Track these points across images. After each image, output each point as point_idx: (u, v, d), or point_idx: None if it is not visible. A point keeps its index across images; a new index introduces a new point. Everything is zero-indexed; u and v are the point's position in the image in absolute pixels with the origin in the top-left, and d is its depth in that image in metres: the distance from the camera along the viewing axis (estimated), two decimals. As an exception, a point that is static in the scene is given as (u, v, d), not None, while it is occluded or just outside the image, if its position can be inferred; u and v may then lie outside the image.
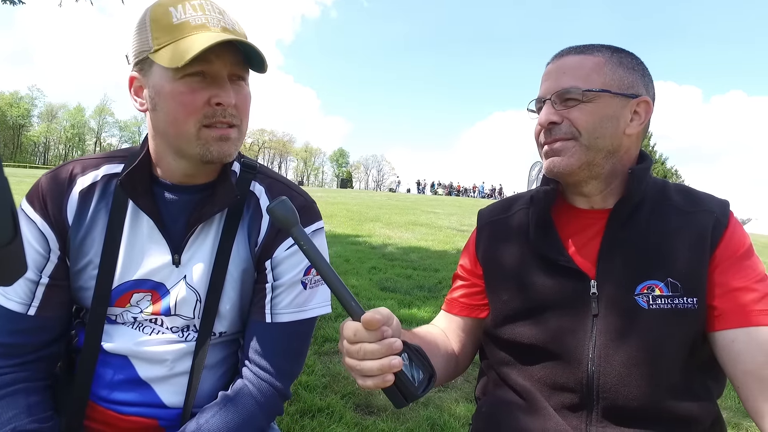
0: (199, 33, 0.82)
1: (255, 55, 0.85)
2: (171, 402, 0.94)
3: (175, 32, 0.82)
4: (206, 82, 0.84)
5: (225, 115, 0.86)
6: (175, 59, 0.80)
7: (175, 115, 0.84)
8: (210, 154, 0.87)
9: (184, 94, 0.83)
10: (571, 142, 0.89)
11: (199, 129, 0.85)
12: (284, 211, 0.70)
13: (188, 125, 0.84)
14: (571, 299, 0.89)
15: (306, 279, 0.98)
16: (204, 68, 0.82)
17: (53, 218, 0.90)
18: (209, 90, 0.84)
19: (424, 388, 0.68)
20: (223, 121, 0.86)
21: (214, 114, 0.85)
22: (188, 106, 0.83)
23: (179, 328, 0.95)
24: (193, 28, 0.82)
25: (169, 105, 0.84)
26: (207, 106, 0.84)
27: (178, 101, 0.83)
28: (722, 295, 0.83)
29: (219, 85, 0.85)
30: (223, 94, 0.84)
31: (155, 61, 0.82)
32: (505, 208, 1.07)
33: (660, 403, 0.83)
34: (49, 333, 0.92)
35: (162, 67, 0.82)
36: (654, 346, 0.84)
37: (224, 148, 0.87)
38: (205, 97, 0.84)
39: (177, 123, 0.84)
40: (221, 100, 0.84)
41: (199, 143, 0.86)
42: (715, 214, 0.88)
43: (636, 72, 0.91)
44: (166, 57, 0.81)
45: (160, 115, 0.85)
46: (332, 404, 2.26)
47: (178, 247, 0.92)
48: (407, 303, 4.22)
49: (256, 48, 0.83)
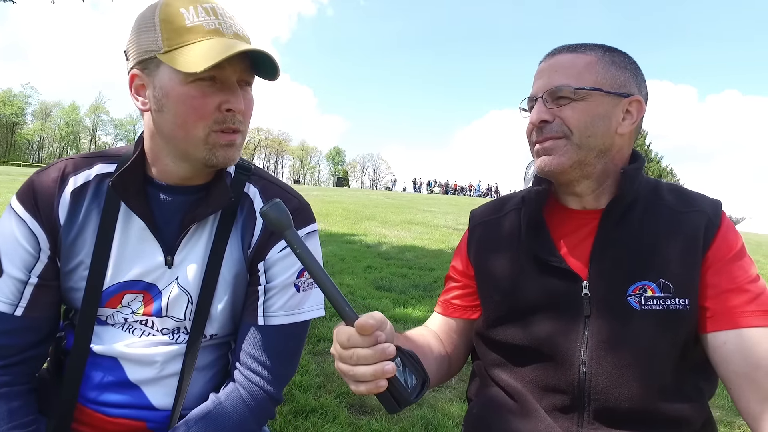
0: (214, 38, 0.82)
1: (269, 63, 0.85)
2: (160, 404, 0.93)
3: (188, 35, 0.81)
4: (216, 87, 0.83)
5: (234, 121, 0.86)
6: (187, 64, 0.79)
7: (184, 118, 0.83)
8: (216, 159, 0.86)
9: (195, 98, 0.82)
10: (562, 141, 0.88)
11: (208, 134, 0.85)
12: (277, 213, 0.70)
13: (197, 129, 0.84)
14: (563, 300, 0.89)
15: (299, 282, 0.97)
16: (216, 73, 0.82)
17: (44, 217, 0.88)
18: (220, 95, 0.84)
19: (417, 394, 0.67)
20: (231, 127, 0.86)
21: (224, 120, 0.85)
22: (199, 110, 0.83)
23: (170, 329, 0.94)
24: (207, 33, 0.82)
25: (178, 108, 0.83)
26: (217, 111, 0.84)
27: (188, 105, 0.82)
28: (714, 296, 0.83)
29: (230, 91, 0.84)
30: (234, 101, 0.84)
31: (165, 62, 0.81)
32: (496, 209, 1.06)
33: (651, 404, 0.83)
34: (36, 334, 0.91)
35: (172, 69, 0.81)
36: (646, 347, 0.83)
37: (230, 154, 0.88)
38: (216, 102, 0.83)
39: (186, 126, 0.84)
40: (232, 107, 0.84)
41: (206, 148, 0.85)
42: (707, 214, 0.87)
43: (628, 71, 0.91)
44: (180, 60, 0.80)
45: (168, 116, 0.84)
46: (326, 404, 2.25)
47: (171, 249, 0.91)
48: (402, 302, 4.22)
49: (271, 57, 0.83)
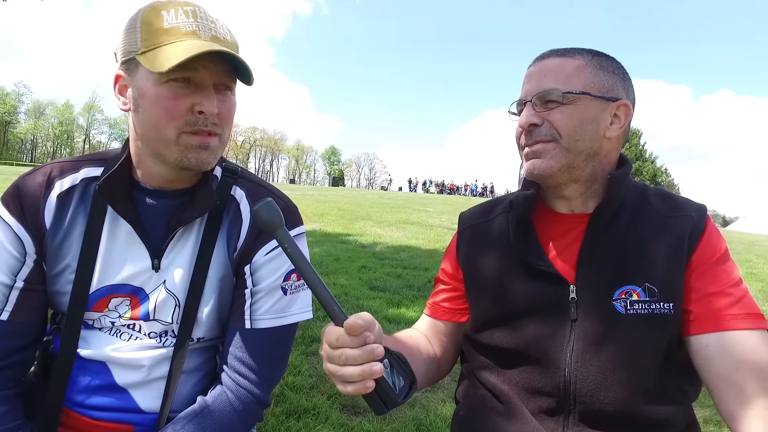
0: (188, 40, 0.82)
1: (241, 66, 0.85)
2: (148, 407, 0.93)
3: (164, 36, 0.81)
4: (190, 89, 0.84)
5: (206, 124, 0.86)
6: (158, 64, 0.80)
7: (156, 118, 0.84)
8: (188, 161, 0.86)
9: (167, 99, 0.82)
10: (551, 144, 0.89)
11: (178, 135, 0.84)
12: (269, 212, 0.70)
13: (168, 130, 0.84)
14: (551, 304, 0.89)
15: (286, 284, 0.97)
16: (189, 75, 0.82)
17: (30, 222, 0.88)
18: (192, 97, 0.84)
19: (405, 395, 0.68)
20: (204, 129, 0.86)
21: (196, 122, 0.85)
22: (170, 110, 0.83)
23: (157, 333, 0.94)
24: (182, 34, 0.82)
25: (151, 108, 0.84)
26: (189, 113, 0.84)
27: (160, 106, 0.83)
28: (697, 300, 0.84)
29: (203, 94, 0.84)
30: (206, 102, 0.84)
31: (141, 63, 0.82)
32: (485, 212, 1.06)
33: (636, 407, 0.83)
34: (21, 338, 0.90)
35: (147, 70, 0.82)
36: (630, 351, 0.84)
37: (202, 156, 0.87)
38: (188, 103, 0.83)
39: (158, 127, 0.84)
40: (204, 108, 0.84)
41: (178, 149, 0.85)
42: (692, 218, 0.88)
43: (616, 76, 0.91)
44: (150, 60, 0.80)
45: (142, 117, 0.85)
46: (318, 405, 2.25)
47: (158, 252, 0.91)
48: (396, 302, 4.22)
49: (241, 60, 0.83)
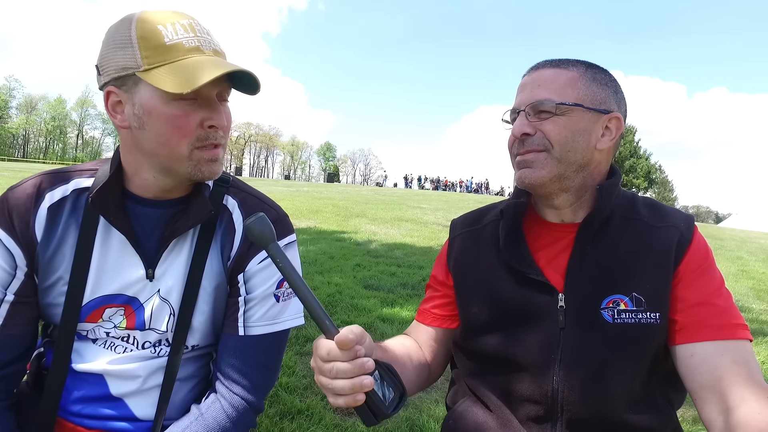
0: (195, 56, 0.82)
1: (250, 79, 0.85)
2: (143, 415, 0.94)
3: (168, 53, 0.81)
4: (197, 105, 0.84)
5: (216, 138, 0.87)
6: (179, 84, 0.78)
7: (168, 136, 0.84)
8: (200, 174, 0.88)
9: (178, 117, 0.82)
10: (543, 154, 0.90)
11: (191, 151, 0.85)
12: (261, 227, 0.71)
13: (181, 147, 0.84)
14: (540, 312, 0.90)
15: (279, 292, 0.98)
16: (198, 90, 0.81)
17: (20, 234, 0.88)
18: (201, 113, 0.84)
19: (395, 407, 0.69)
20: (213, 143, 0.87)
21: (207, 137, 0.86)
22: (182, 128, 0.83)
23: (152, 342, 0.94)
24: (187, 51, 0.82)
25: (160, 127, 0.83)
26: (199, 128, 0.85)
27: (171, 124, 0.83)
28: (683, 309, 0.85)
29: (211, 108, 0.85)
30: (216, 117, 0.86)
31: (145, 80, 0.80)
32: (476, 220, 1.08)
33: (621, 415, 0.85)
34: (12, 351, 0.91)
35: (153, 88, 0.80)
36: (617, 360, 0.85)
37: (214, 168, 0.89)
38: (198, 119, 0.84)
39: (170, 145, 0.84)
40: (215, 123, 0.85)
41: (191, 164, 0.86)
42: (680, 229, 0.89)
43: (609, 88, 0.93)
44: (164, 80, 0.79)
45: (150, 134, 0.84)
46: (312, 406, 2.26)
47: (152, 262, 0.92)
48: (390, 301, 4.22)
49: (254, 76, 0.84)
